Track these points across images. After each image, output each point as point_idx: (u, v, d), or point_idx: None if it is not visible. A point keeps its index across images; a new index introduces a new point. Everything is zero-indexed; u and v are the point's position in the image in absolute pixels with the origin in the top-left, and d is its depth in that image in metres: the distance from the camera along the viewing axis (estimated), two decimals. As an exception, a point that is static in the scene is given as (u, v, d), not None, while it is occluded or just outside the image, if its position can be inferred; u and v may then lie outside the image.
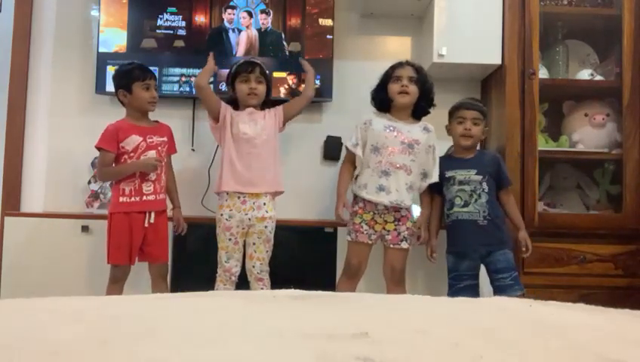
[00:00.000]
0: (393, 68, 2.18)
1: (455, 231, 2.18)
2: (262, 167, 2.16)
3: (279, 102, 2.68)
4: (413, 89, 2.14)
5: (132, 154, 2.12)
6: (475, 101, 2.30)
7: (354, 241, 2.16)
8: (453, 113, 2.26)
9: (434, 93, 2.21)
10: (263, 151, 2.17)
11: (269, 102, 2.31)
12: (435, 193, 2.27)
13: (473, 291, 2.16)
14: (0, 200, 2.73)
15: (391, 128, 2.14)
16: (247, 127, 2.16)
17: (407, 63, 2.19)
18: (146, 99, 2.15)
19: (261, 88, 2.20)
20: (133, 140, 2.13)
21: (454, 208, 2.16)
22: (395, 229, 2.13)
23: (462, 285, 2.16)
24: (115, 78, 2.20)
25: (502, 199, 2.20)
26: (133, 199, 2.10)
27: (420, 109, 2.21)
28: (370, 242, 2.15)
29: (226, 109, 2.20)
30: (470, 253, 2.15)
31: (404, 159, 2.12)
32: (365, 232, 2.14)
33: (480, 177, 2.14)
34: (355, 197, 2.19)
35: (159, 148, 2.18)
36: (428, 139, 2.17)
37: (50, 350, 0.64)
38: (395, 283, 2.17)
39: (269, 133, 2.20)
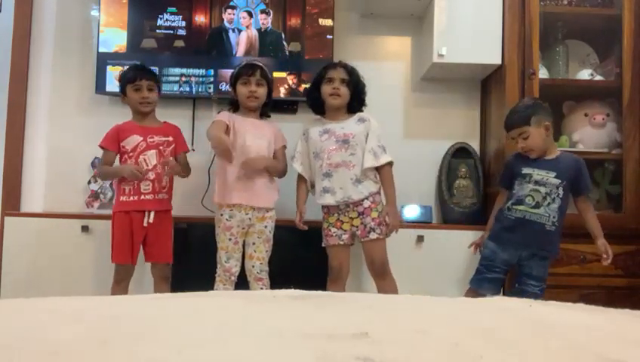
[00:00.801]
0: (326, 69, 2.21)
1: (515, 227, 2.09)
2: (261, 179, 2.16)
3: (279, 102, 2.69)
4: (344, 91, 2.16)
5: (131, 154, 2.14)
6: (518, 107, 2.15)
7: (328, 246, 2.19)
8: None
9: (365, 94, 2.23)
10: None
11: (270, 105, 2.31)
12: (503, 189, 2.23)
13: (498, 285, 2.13)
14: (0, 200, 2.73)
15: (325, 131, 2.18)
16: (250, 139, 2.16)
17: (340, 65, 2.20)
18: (136, 100, 2.16)
19: (261, 91, 2.19)
20: (134, 140, 2.15)
21: (523, 206, 2.07)
22: (362, 223, 2.14)
23: (491, 276, 2.11)
24: (119, 81, 2.25)
25: (579, 206, 2.11)
26: (132, 198, 2.12)
27: (352, 109, 2.23)
28: (341, 243, 2.16)
29: (231, 124, 2.17)
30: (515, 249, 2.08)
31: (342, 156, 2.13)
32: (334, 234, 2.16)
33: (558, 181, 2.04)
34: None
35: (160, 147, 2.19)
36: (364, 129, 2.17)
37: (50, 350, 0.64)
38: (380, 275, 2.16)
39: (269, 150, 2.21)
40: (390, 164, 2.18)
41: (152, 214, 2.13)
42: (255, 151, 2.15)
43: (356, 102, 2.22)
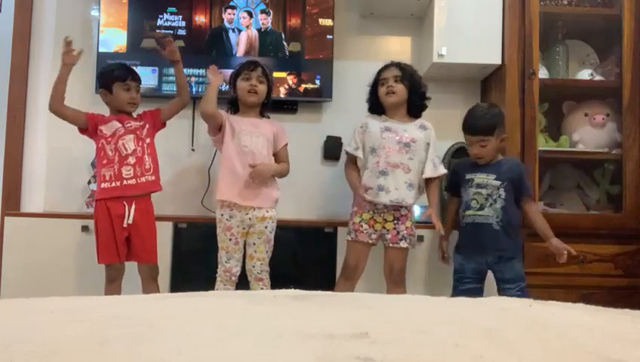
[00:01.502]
0: (379, 72, 2.21)
1: (469, 233, 2.16)
2: (261, 181, 2.16)
3: (279, 102, 2.69)
4: (399, 88, 2.15)
5: (110, 139, 2.12)
6: (483, 113, 2.15)
7: (353, 241, 2.16)
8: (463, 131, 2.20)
9: (425, 86, 2.22)
10: (261, 162, 2.16)
11: (269, 104, 2.31)
12: (453, 195, 2.28)
13: (477, 294, 2.13)
14: (0, 200, 2.73)
15: (387, 129, 2.16)
16: (248, 139, 2.16)
17: (392, 64, 2.20)
18: (125, 100, 2.14)
19: (261, 87, 2.19)
20: (113, 125, 2.13)
21: (470, 210, 2.14)
22: (395, 228, 2.13)
23: (465, 287, 2.15)
24: (98, 77, 2.22)
25: (524, 208, 2.16)
26: (113, 184, 2.08)
27: (414, 105, 2.21)
28: (369, 241, 2.15)
29: (226, 119, 2.19)
30: (480, 255, 2.13)
31: (402, 158, 2.13)
32: (365, 231, 2.14)
33: (498, 183, 2.10)
34: (355, 197, 2.20)
35: (137, 132, 2.16)
36: (425, 137, 2.18)
37: (50, 350, 0.64)
38: (395, 283, 2.17)
39: (268, 149, 2.20)
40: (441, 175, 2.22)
41: (132, 215, 2.08)
42: (252, 150, 2.15)
43: (415, 95, 2.18)
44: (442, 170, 2.21)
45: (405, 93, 2.16)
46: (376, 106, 2.23)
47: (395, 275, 2.16)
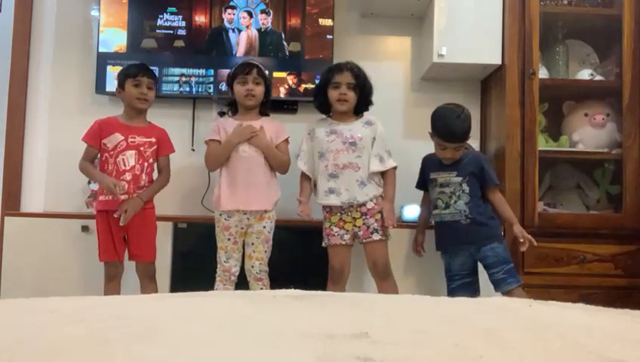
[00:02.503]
0: (332, 72, 2.19)
1: (440, 231, 2.22)
2: (260, 183, 2.16)
3: (279, 102, 2.69)
4: (351, 96, 2.16)
5: (112, 153, 2.12)
6: (459, 122, 2.12)
7: (329, 245, 2.18)
8: (433, 132, 2.18)
9: (372, 95, 2.23)
10: (262, 167, 2.17)
11: (268, 103, 2.30)
12: (424, 190, 2.32)
13: (469, 288, 2.16)
14: (0, 200, 2.73)
15: (332, 132, 2.18)
16: (245, 144, 2.15)
17: (347, 68, 2.18)
18: (134, 95, 2.13)
19: (258, 90, 2.18)
20: (115, 138, 2.13)
21: (437, 209, 2.19)
22: (364, 223, 2.14)
23: (455, 284, 2.17)
24: (117, 77, 2.24)
25: (489, 198, 2.18)
26: (108, 197, 2.10)
27: (358, 109, 2.23)
28: (343, 242, 2.16)
29: (222, 130, 2.18)
30: (457, 251, 2.16)
31: (349, 157, 2.14)
32: (337, 234, 2.16)
33: (460, 179, 2.13)
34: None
35: (141, 148, 2.16)
36: (371, 132, 2.18)
37: (50, 350, 0.64)
38: (382, 277, 2.16)
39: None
40: (394, 168, 2.21)
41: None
42: (251, 155, 2.14)
43: (363, 104, 2.21)
44: (391, 164, 2.19)
45: (355, 100, 2.18)
46: (323, 105, 2.24)
47: (379, 269, 2.16)
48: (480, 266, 2.18)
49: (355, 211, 2.14)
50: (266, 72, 2.28)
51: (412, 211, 2.54)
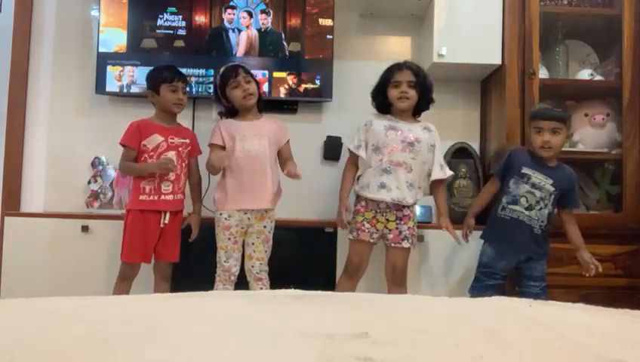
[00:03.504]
0: (392, 71, 2.17)
1: (507, 228, 2.13)
2: (267, 182, 2.16)
3: (279, 102, 2.69)
4: (412, 94, 2.14)
5: (152, 153, 2.12)
6: (554, 107, 2.18)
7: (356, 240, 2.16)
8: (531, 121, 2.18)
9: (433, 92, 2.21)
10: (268, 165, 2.16)
11: (261, 98, 2.26)
12: (500, 178, 2.22)
13: (499, 292, 2.12)
14: (0, 200, 2.73)
15: (391, 128, 2.15)
16: (250, 143, 2.15)
17: (406, 66, 2.16)
18: (171, 100, 2.15)
19: (252, 87, 2.18)
20: (155, 139, 2.13)
21: (517, 206, 2.11)
22: (397, 228, 2.13)
23: (492, 283, 2.14)
24: (147, 79, 2.22)
25: (564, 218, 2.17)
26: (152, 198, 2.11)
27: (419, 108, 2.22)
28: (371, 241, 2.15)
29: (224, 131, 2.18)
30: (515, 254, 2.13)
31: (405, 157, 2.12)
32: (367, 230, 2.14)
33: (553, 189, 2.09)
34: (358, 196, 2.20)
35: (180, 149, 2.18)
36: (429, 138, 2.18)
37: (50, 350, 0.64)
38: (396, 283, 2.16)
39: (272, 149, 2.19)
40: (447, 178, 2.22)
41: (168, 215, 2.13)
42: (257, 154, 2.14)
43: (424, 102, 2.19)
44: (449, 172, 2.21)
45: (416, 98, 2.15)
46: (383, 105, 2.21)
47: (396, 275, 2.16)
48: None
49: (391, 213, 2.13)
50: (246, 67, 2.25)
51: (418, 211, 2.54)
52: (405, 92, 2.12)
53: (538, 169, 2.12)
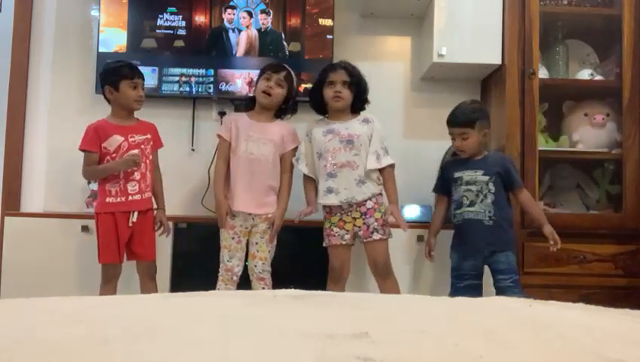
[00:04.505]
0: (327, 71, 2.20)
1: (461, 230, 2.19)
2: (269, 186, 2.17)
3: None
4: (346, 94, 2.15)
5: (114, 155, 2.09)
6: (465, 108, 2.19)
7: (329, 246, 2.18)
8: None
9: (367, 92, 2.22)
10: (270, 168, 2.17)
11: (288, 109, 2.27)
12: (442, 194, 2.30)
13: (475, 291, 2.16)
14: (0, 200, 2.73)
15: (329, 131, 2.17)
16: (253, 146, 2.15)
17: (341, 66, 2.19)
18: (132, 97, 2.13)
19: (278, 91, 2.17)
20: (115, 140, 2.10)
21: (462, 208, 2.17)
22: (364, 223, 2.14)
23: (463, 284, 2.16)
24: (103, 74, 2.18)
25: (518, 199, 2.19)
26: (119, 199, 2.09)
27: (356, 105, 2.22)
28: (343, 243, 2.15)
29: (233, 125, 2.18)
30: (474, 252, 2.15)
31: (346, 156, 2.13)
32: (337, 234, 2.15)
33: (487, 178, 2.13)
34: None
35: (142, 146, 2.15)
36: (368, 129, 2.18)
37: (50, 350, 0.64)
38: (383, 276, 2.16)
39: (277, 154, 2.19)
40: (392, 166, 2.19)
41: (136, 214, 2.10)
42: (259, 158, 2.14)
43: (359, 102, 2.21)
44: (388, 161, 2.18)
45: (351, 97, 2.18)
46: (319, 105, 2.24)
47: (380, 269, 2.15)
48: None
49: (355, 211, 2.14)
50: (295, 79, 2.26)
51: (412, 211, 2.54)
52: (339, 91, 2.14)
53: (467, 167, 2.19)
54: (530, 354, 0.68)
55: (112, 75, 2.14)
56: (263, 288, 2.14)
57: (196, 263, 2.40)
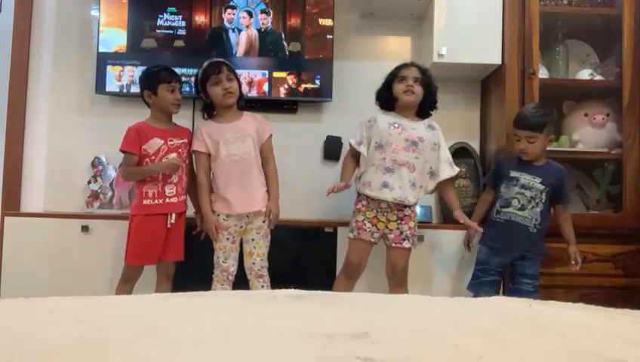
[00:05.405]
0: (399, 68, 2.19)
1: (502, 229, 2.17)
2: (255, 185, 2.15)
3: (279, 102, 2.69)
4: (418, 89, 2.14)
5: (153, 157, 2.11)
6: (536, 111, 2.16)
7: (356, 238, 2.15)
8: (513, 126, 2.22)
9: (437, 96, 2.22)
10: (255, 168, 2.16)
11: (243, 97, 2.24)
12: (489, 187, 2.30)
13: (496, 286, 2.19)
14: (0, 200, 2.73)
15: (395, 125, 2.14)
16: (234, 147, 2.13)
17: (413, 64, 2.19)
18: (170, 100, 2.14)
19: (234, 85, 2.15)
20: (155, 143, 2.12)
21: (510, 208, 2.16)
22: (398, 228, 2.13)
23: (487, 279, 2.18)
24: (142, 79, 2.20)
25: (558, 214, 2.20)
26: (156, 201, 2.11)
27: (422, 111, 2.21)
28: (372, 240, 2.14)
29: (207, 138, 2.15)
30: (508, 252, 2.16)
31: (408, 156, 2.11)
32: (368, 230, 2.13)
33: (543, 187, 2.13)
34: (359, 195, 2.19)
35: (180, 150, 2.17)
36: (433, 136, 2.17)
37: (50, 350, 0.64)
38: (397, 283, 2.16)
39: (257, 148, 2.17)
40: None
41: (174, 216, 2.13)
42: (242, 156, 2.12)
43: (428, 103, 2.20)
44: (457, 169, 2.21)
45: (422, 94, 2.16)
46: (388, 102, 2.21)
47: (397, 275, 2.15)
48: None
49: (392, 213, 2.13)
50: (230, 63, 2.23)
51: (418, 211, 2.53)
52: (411, 86, 2.13)
53: (525, 170, 2.17)
54: (530, 354, 0.68)
55: (151, 79, 2.16)
56: (262, 286, 2.13)
57: (195, 263, 2.39)
